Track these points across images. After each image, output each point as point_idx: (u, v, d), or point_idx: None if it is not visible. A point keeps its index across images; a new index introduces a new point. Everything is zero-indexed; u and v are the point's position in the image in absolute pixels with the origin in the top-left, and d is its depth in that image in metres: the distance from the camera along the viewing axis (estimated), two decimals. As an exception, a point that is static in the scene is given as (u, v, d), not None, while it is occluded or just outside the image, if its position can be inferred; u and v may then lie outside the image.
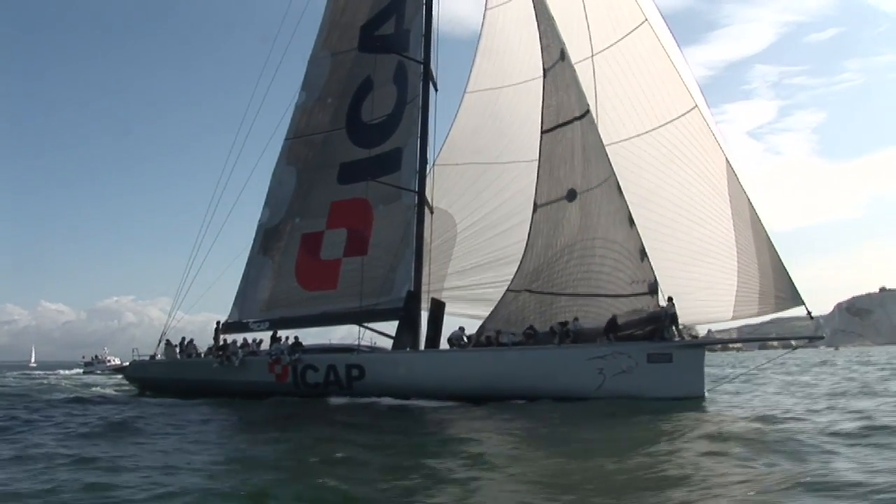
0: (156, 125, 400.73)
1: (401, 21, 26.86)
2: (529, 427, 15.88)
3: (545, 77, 23.49)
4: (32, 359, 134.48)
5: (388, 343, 24.77)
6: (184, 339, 28.56)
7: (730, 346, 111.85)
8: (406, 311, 24.32)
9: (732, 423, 14.81)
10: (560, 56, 22.87)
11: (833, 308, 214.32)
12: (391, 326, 24.76)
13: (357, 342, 24.82)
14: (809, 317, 20.70)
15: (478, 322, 24.20)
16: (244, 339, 26.32)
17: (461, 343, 23.25)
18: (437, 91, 26.22)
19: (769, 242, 21.09)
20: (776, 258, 20.90)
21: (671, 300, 20.03)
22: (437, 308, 25.16)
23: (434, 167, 26.85)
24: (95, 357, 70.78)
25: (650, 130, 23.02)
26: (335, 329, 27.58)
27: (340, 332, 27.74)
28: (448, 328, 24.58)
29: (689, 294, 20.92)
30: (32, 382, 38.98)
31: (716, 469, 9.82)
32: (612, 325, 20.24)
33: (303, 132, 28.23)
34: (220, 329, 27.48)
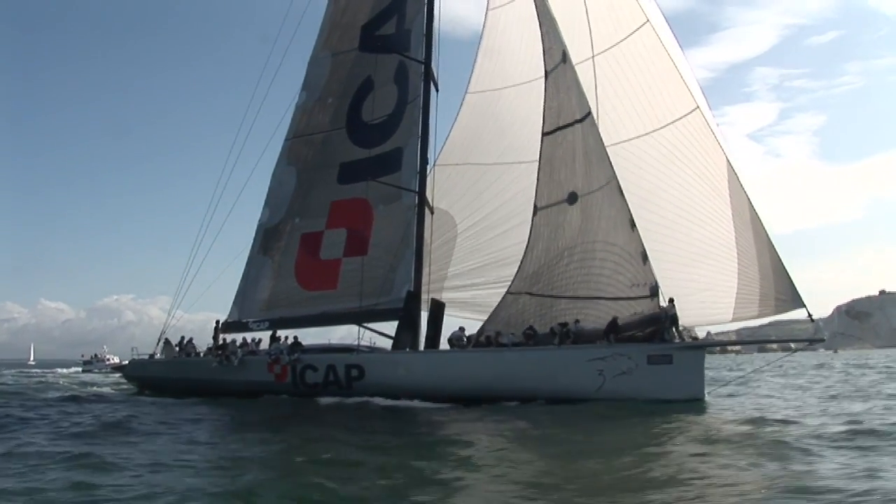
0: (156, 125, 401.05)
1: (402, 21, 26.83)
2: (520, 429, 15.86)
3: (547, 79, 23.47)
4: (31, 357, 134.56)
5: (388, 343, 24.75)
6: (183, 339, 28.56)
7: (728, 349, 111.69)
8: (406, 312, 24.27)
9: (724, 426, 14.82)
10: (562, 59, 22.86)
11: (832, 311, 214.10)
12: (391, 327, 24.75)
13: (356, 342, 24.81)
14: (810, 319, 20.66)
15: (478, 323, 24.20)
16: (243, 339, 26.30)
17: (461, 343, 23.22)
18: (438, 91, 26.19)
19: (770, 244, 21.03)
20: (777, 260, 20.84)
21: (672, 301, 20.01)
22: (437, 308, 25.13)
23: (435, 167, 26.82)
24: (95, 356, 70.80)
25: (651, 132, 22.97)
26: (335, 329, 27.56)
27: (340, 333, 27.73)
28: (448, 329, 24.60)
29: (689, 296, 20.83)
30: (30, 381, 38.96)
31: (700, 471, 9.86)
32: (613, 327, 20.21)
33: (303, 132, 28.19)
34: (220, 328, 27.43)
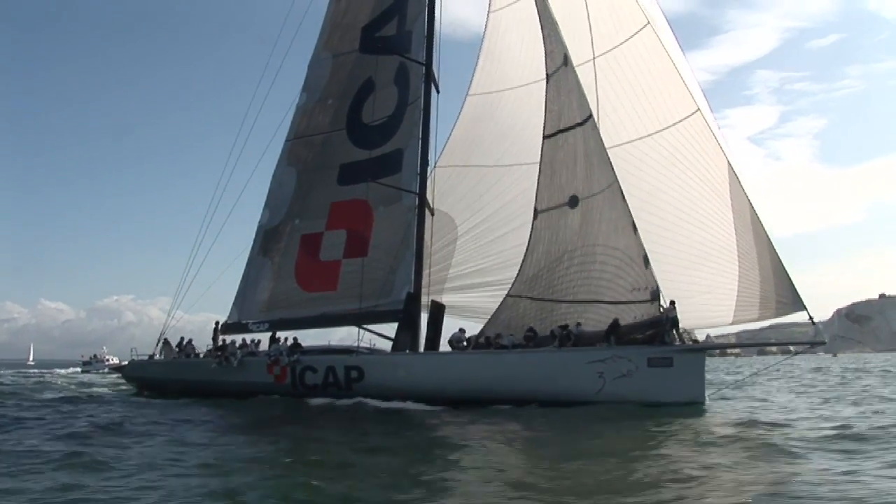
0: (156, 125, 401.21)
1: (403, 22, 26.79)
2: (514, 431, 15.80)
3: (548, 82, 23.42)
4: (31, 357, 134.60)
5: (388, 345, 24.69)
6: (182, 339, 28.52)
7: (728, 352, 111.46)
8: (406, 313, 24.20)
9: (718, 429, 14.80)
10: (563, 62, 22.81)
11: (832, 314, 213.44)
12: (391, 328, 24.69)
13: (356, 344, 24.75)
14: (811, 322, 20.54)
15: (478, 326, 24.15)
16: (242, 340, 26.25)
17: (461, 345, 23.17)
18: (439, 93, 26.12)
19: (771, 246, 20.93)
20: (778, 262, 20.74)
21: (673, 303, 19.95)
22: (437, 310, 25.07)
23: (435, 169, 26.78)
24: (94, 356, 70.75)
25: (652, 134, 22.88)
26: (335, 330, 27.50)
27: (340, 334, 27.67)
28: (447, 331, 24.54)
29: (690, 298, 20.73)
30: (27, 381, 38.90)
31: (686, 474, 9.85)
32: (615, 328, 20.14)
33: (303, 133, 28.14)
34: (220, 330, 27.39)
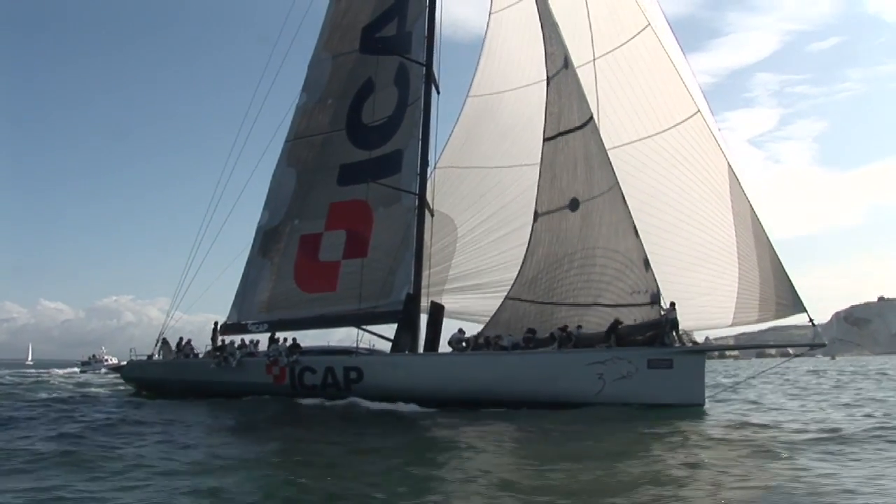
0: (156, 125, 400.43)
1: (403, 23, 26.75)
2: (508, 432, 15.75)
3: (548, 84, 23.38)
4: (29, 357, 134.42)
5: (387, 346, 24.65)
6: (181, 340, 28.47)
7: (727, 354, 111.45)
8: (405, 314, 24.16)
9: (709, 432, 14.87)
10: (564, 64, 22.76)
11: (831, 317, 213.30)
12: (390, 329, 24.64)
13: (355, 345, 24.71)
14: (812, 324, 20.50)
15: (477, 327, 24.11)
16: (241, 340, 26.19)
17: (461, 345, 23.12)
18: (440, 93, 26.07)
19: (771, 248, 20.89)
20: (778, 264, 20.70)
21: (673, 305, 19.91)
22: (437, 311, 25.01)
23: (435, 170, 26.75)
24: (93, 356, 70.66)
25: (652, 135, 22.86)
26: (334, 331, 27.46)
27: (339, 335, 27.63)
28: (447, 332, 24.51)
29: (689, 300, 20.70)
30: (24, 381, 38.86)
31: (670, 475, 9.94)
32: (615, 328, 20.10)
33: (303, 133, 28.09)
34: (219, 330, 27.33)
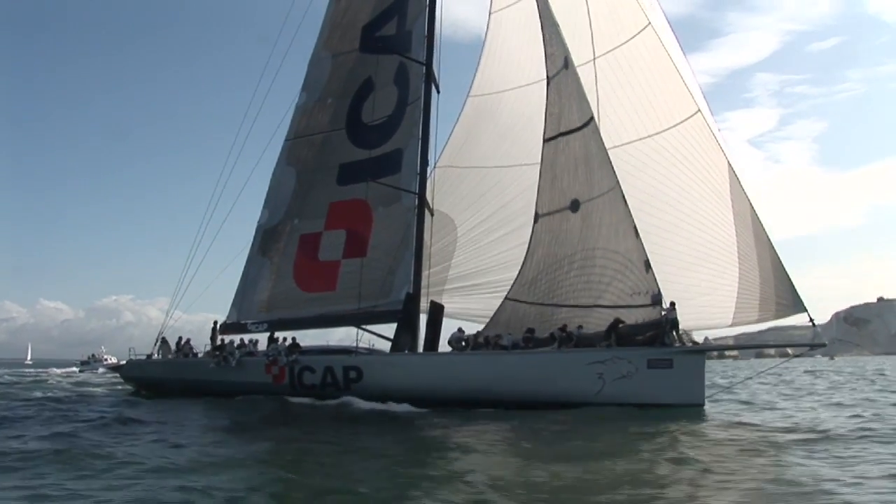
0: (156, 125, 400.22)
1: (403, 22, 26.70)
2: (496, 432, 15.68)
3: (548, 85, 23.34)
4: (28, 356, 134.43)
5: (387, 345, 24.61)
6: (180, 339, 28.42)
7: (726, 354, 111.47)
8: (405, 314, 24.12)
9: (699, 431, 14.95)
10: (564, 64, 22.71)
11: (830, 317, 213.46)
12: (390, 329, 24.60)
13: (355, 344, 24.67)
14: (812, 324, 20.48)
15: (477, 326, 24.07)
16: (241, 340, 26.14)
17: (461, 345, 23.09)
18: (440, 93, 26.00)
19: (771, 248, 20.88)
20: (778, 264, 20.68)
21: (673, 305, 19.87)
22: (436, 310, 24.98)
23: (435, 169, 26.71)
24: (92, 356, 70.64)
25: (653, 135, 22.83)
26: (334, 331, 27.41)
27: (339, 334, 27.59)
28: (447, 332, 24.47)
29: (690, 299, 20.67)
30: (22, 380, 38.85)
31: (655, 475, 10.01)
32: (615, 326, 20.05)
33: (303, 133, 28.03)
34: (219, 330, 27.29)
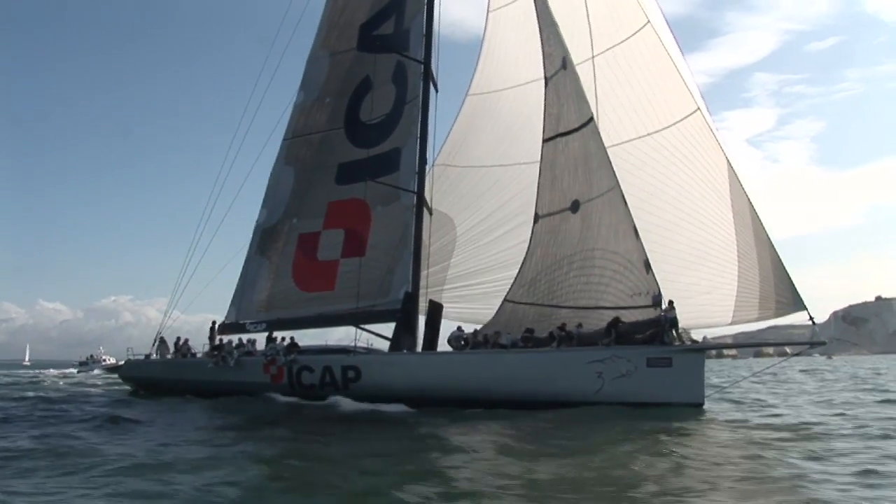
0: (155, 125, 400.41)
1: (400, 20, 26.65)
2: (498, 433, 15.58)
3: (547, 85, 23.27)
4: (27, 357, 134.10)
5: (385, 345, 24.55)
6: (179, 339, 28.35)
7: (724, 354, 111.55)
8: (403, 313, 24.07)
9: (684, 428, 15.01)
10: (562, 65, 22.63)
11: (829, 316, 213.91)
12: (388, 328, 24.53)
13: (353, 343, 24.61)
14: (812, 322, 20.45)
15: (476, 326, 24.00)
16: (239, 340, 26.08)
17: (460, 343, 23.03)
18: (438, 91, 25.93)
19: (771, 247, 20.84)
20: (778, 263, 20.63)
21: (671, 303, 19.82)
22: (435, 310, 24.92)
23: (433, 168, 26.64)
24: (91, 356, 70.53)
25: (652, 133, 22.77)
26: (333, 330, 27.35)
27: (338, 334, 27.53)
28: (445, 331, 24.42)
29: (689, 298, 20.60)
30: (17, 381, 38.79)
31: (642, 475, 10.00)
32: (615, 324, 19.98)
33: (301, 132, 27.99)
34: (217, 330, 27.23)
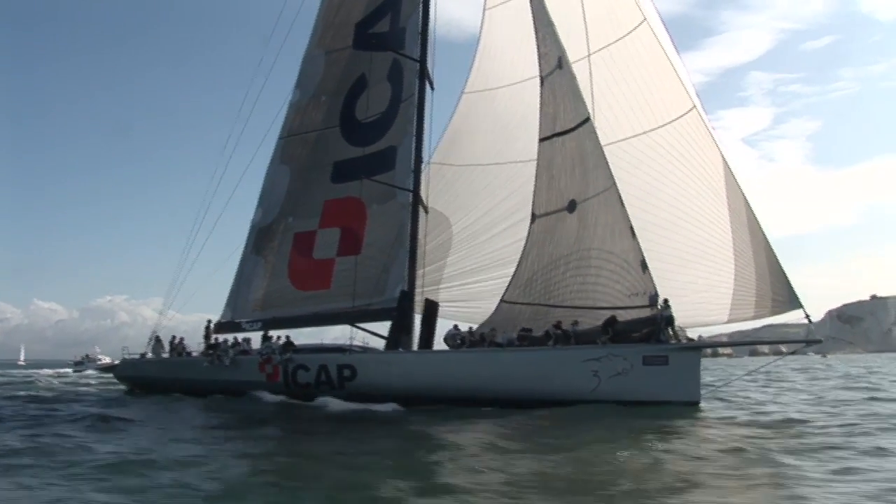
0: (151, 124, 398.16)
1: (396, 18, 26.61)
2: (477, 431, 15.53)
3: (542, 85, 23.24)
4: (21, 357, 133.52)
5: (381, 343, 24.50)
6: (174, 338, 28.27)
7: (720, 352, 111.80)
8: (399, 312, 24.04)
9: (668, 426, 15.04)
10: (558, 64, 22.58)
11: (824, 315, 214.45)
12: (385, 327, 24.51)
13: (349, 342, 24.57)
14: (808, 320, 20.45)
15: (472, 325, 23.96)
16: (234, 338, 26.02)
17: (456, 342, 22.99)
18: (434, 89, 25.94)
19: (767, 245, 20.82)
20: (774, 261, 20.62)
21: (667, 302, 19.77)
22: (431, 308, 24.89)
23: (429, 166, 26.58)
24: (86, 356, 70.36)
25: (648, 131, 22.74)
26: (329, 329, 27.31)
27: (334, 333, 27.48)
28: (441, 330, 24.38)
29: (685, 297, 20.57)
30: (11, 381, 38.66)
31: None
32: (612, 322, 19.95)
33: (296, 131, 27.97)
34: (213, 329, 27.17)
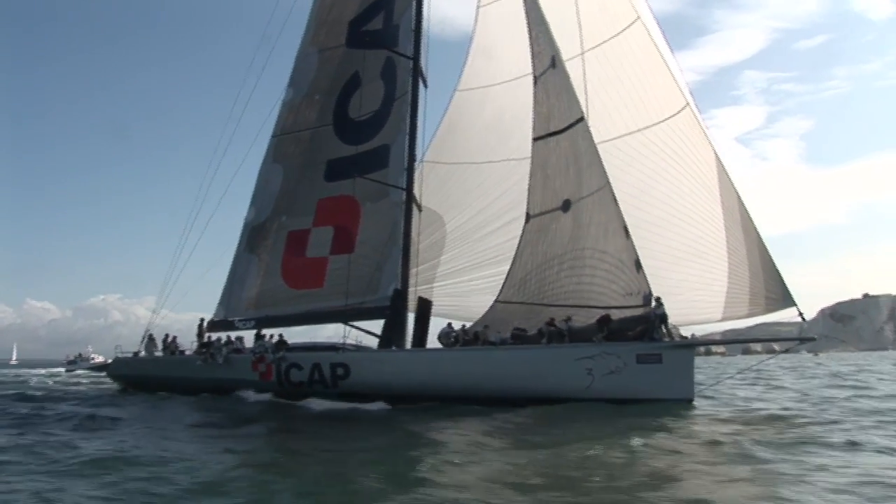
0: (147, 124, 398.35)
1: (389, 16, 26.56)
2: (465, 429, 15.46)
3: (536, 84, 23.22)
4: (13, 356, 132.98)
5: (374, 342, 24.45)
6: (167, 337, 28.18)
7: (713, 350, 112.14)
8: (392, 310, 24.00)
9: (651, 423, 15.03)
10: (551, 63, 22.55)
11: (817, 314, 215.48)
12: (378, 325, 24.46)
13: (342, 341, 24.52)
14: (801, 317, 20.51)
15: (466, 323, 23.93)
16: (227, 337, 25.94)
17: (450, 340, 22.96)
18: (427, 87, 25.86)
19: (760, 243, 20.87)
20: (767, 259, 20.67)
21: (659, 300, 19.78)
22: (424, 306, 24.85)
23: (423, 164, 26.56)
24: (79, 355, 70.18)
25: (642, 129, 22.75)
26: (323, 328, 27.27)
27: (328, 331, 27.45)
28: (435, 328, 24.35)
29: (679, 294, 20.60)
30: (2, 380, 38.44)
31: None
32: (607, 320, 19.93)
33: (290, 129, 27.89)
34: (206, 327, 27.06)
